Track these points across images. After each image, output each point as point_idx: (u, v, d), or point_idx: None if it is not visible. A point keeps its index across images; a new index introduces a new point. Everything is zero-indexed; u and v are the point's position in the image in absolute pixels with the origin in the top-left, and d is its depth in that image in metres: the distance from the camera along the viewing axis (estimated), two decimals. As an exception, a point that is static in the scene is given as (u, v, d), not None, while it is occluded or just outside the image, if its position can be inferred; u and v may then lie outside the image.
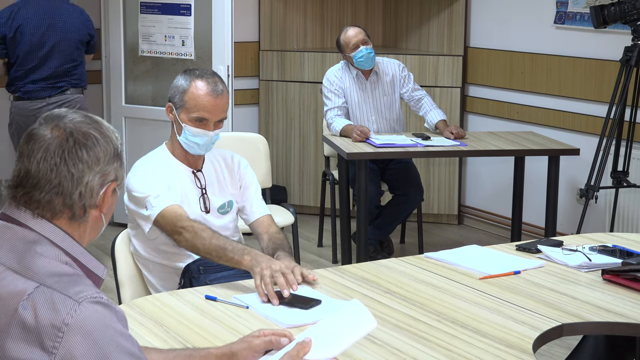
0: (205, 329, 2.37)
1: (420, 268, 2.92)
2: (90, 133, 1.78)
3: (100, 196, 1.78)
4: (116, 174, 1.82)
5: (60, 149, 1.75)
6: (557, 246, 3.09)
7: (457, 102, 6.38)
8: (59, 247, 1.75)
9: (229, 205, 3.16)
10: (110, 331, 1.65)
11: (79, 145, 1.75)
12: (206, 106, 3.04)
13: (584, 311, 2.54)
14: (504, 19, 6.18)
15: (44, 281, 1.67)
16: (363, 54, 5.36)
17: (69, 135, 1.76)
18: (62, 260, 1.74)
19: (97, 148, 1.77)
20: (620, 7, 4.90)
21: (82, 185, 1.76)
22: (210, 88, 3.04)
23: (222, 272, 2.92)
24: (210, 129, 3.05)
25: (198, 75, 3.07)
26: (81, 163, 1.75)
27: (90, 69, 7.46)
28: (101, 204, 1.79)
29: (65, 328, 1.61)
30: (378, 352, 2.21)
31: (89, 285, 1.69)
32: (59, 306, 1.63)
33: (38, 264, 1.70)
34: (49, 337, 1.61)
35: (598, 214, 5.51)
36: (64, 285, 1.66)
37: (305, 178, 6.66)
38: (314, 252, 5.83)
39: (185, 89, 3.05)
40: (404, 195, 5.46)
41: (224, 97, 3.08)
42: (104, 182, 1.78)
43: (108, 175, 1.79)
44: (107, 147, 1.79)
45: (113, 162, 1.80)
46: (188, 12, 5.83)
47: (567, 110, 5.78)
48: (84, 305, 1.64)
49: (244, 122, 6.53)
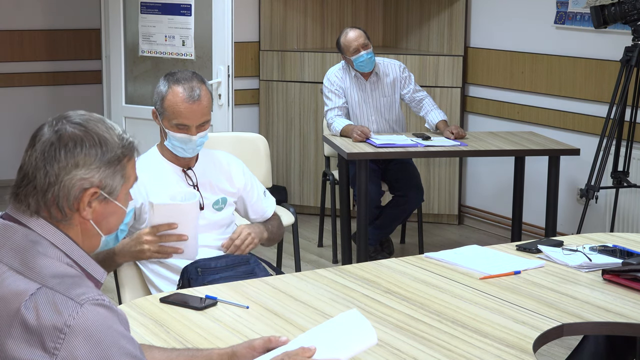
0: (205, 329, 2.36)
1: (420, 268, 2.92)
2: (77, 136, 1.75)
3: (77, 200, 1.75)
4: (102, 181, 1.77)
5: (42, 148, 1.75)
6: (558, 246, 3.09)
7: (457, 102, 6.38)
8: (59, 248, 1.74)
9: (222, 202, 3.18)
10: (112, 333, 1.65)
11: (60, 146, 1.74)
12: (183, 113, 3.03)
13: (584, 311, 2.54)
14: (504, 19, 6.18)
15: (46, 282, 1.67)
16: (364, 59, 5.36)
17: (57, 136, 1.75)
18: (64, 261, 1.73)
19: (78, 151, 1.75)
20: (621, 7, 4.90)
21: (57, 185, 1.73)
22: (187, 94, 3.02)
23: (221, 273, 2.92)
24: (192, 133, 3.05)
25: (175, 81, 3.05)
26: (57, 163, 1.73)
27: (90, 69, 7.49)
28: (80, 208, 1.76)
29: (67, 330, 1.61)
30: (378, 352, 2.21)
31: (90, 287, 1.69)
32: (61, 308, 1.63)
33: (40, 265, 1.69)
34: (50, 338, 1.61)
35: (598, 214, 5.51)
36: (66, 286, 1.66)
37: (306, 178, 6.66)
38: (314, 252, 5.83)
39: (164, 96, 3.06)
40: (404, 195, 5.46)
41: (202, 101, 3.04)
42: (82, 186, 1.75)
43: (88, 180, 1.75)
44: (95, 153, 1.76)
45: (101, 169, 1.76)
46: (188, 12, 5.83)
47: (567, 110, 5.78)
48: (86, 307, 1.64)
49: (244, 122, 6.53)
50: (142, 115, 5.95)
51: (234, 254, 3.07)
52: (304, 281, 2.77)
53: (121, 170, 1.81)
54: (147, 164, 3.14)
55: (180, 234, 2.86)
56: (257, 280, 2.78)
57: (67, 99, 7.44)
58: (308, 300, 2.59)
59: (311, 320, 2.43)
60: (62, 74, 7.51)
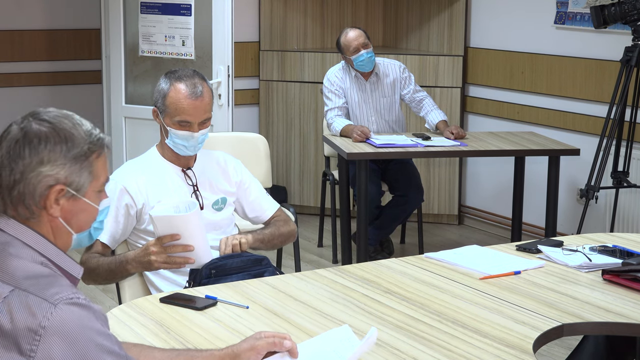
0: (205, 329, 2.36)
1: (420, 268, 2.92)
2: (42, 133, 1.74)
3: (42, 197, 1.74)
4: (68, 178, 1.75)
5: (8, 146, 1.74)
6: (558, 246, 3.09)
7: (457, 102, 6.38)
8: (32, 248, 1.73)
9: (222, 202, 3.18)
10: (88, 331, 1.63)
11: (25, 143, 1.73)
12: (186, 109, 3.04)
13: (584, 311, 2.54)
14: (504, 19, 6.18)
15: (19, 284, 1.65)
16: (364, 58, 5.36)
17: (22, 133, 1.74)
18: (37, 260, 1.72)
19: (42, 147, 1.73)
20: (621, 7, 4.90)
21: (22, 182, 1.72)
22: (189, 91, 3.03)
23: (235, 274, 2.91)
24: (195, 130, 3.05)
25: (177, 78, 3.06)
26: (21, 160, 1.72)
27: (91, 69, 7.48)
28: (47, 206, 1.74)
29: (42, 331, 1.60)
30: (378, 352, 2.20)
31: (65, 286, 1.67)
32: (34, 309, 1.62)
33: (13, 267, 1.68)
34: (25, 340, 1.60)
35: (598, 214, 5.51)
36: (40, 287, 1.65)
37: (306, 178, 6.66)
38: (314, 252, 5.83)
39: (166, 93, 3.06)
40: (404, 195, 5.46)
41: (205, 97, 3.05)
42: (47, 183, 1.73)
43: (52, 177, 1.74)
44: (59, 149, 1.74)
45: (66, 165, 1.75)
46: (188, 12, 5.83)
47: (567, 111, 5.78)
48: (60, 307, 1.62)
49: (244, 122, 6.53)
50: (142, 115, 5.94)
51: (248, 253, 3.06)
52: (304, 281, 2.77)
53: (88, 166, 1.78)
54: (146, 164, 3.14)
55: (185, 244, 2.85)
56: (257, 280, 2.78)
57: (67, 99, 7.42)
58: (308, 300, 2.59)
59: (311, 320, 2.43)
60: (62, 74, 7.50)
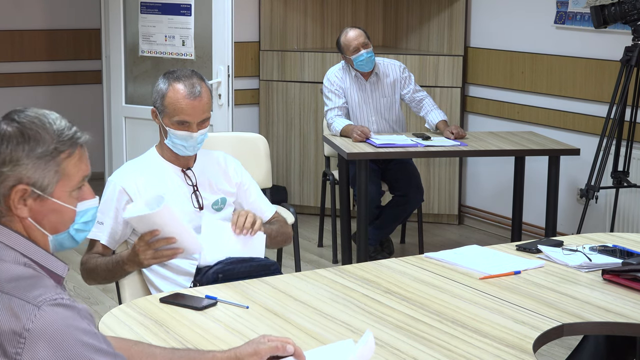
0: (205, 329, 2.36)
1: (420, 268, 2.92)
2: (7, 133, 1.74)
3: (6, 198, 1.73)
4: (31, 178, 1.73)
5: None
6: (557, 246, 3.09)
7: (457, 102, 6.38)
8: (14, 249, 1.72)
9: (222, 202, 3.17)
10: (73, 331, 1.63)
11: None
12: (185, 109, 3.03)
13: (584, 311, 2.54)
14: (504, 19, 6.18)
15: (1, 287, 1.65)
16: (364, 58, 5.36)
17: None
18: (20, 261, 1.71)
19: (4, 148, 1.73)
20: (621, 7, 4.90)
21: None
22: (188, 91, 3.03)
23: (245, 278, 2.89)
24: (194, 130, 3.05)
25: (176, 78, 3.06)
26: None
27: (91, 69, 7.48)
28: (12, 206, 1.74)
29: (26, 334, 1.60)
30: (378, 352, 2.20)
31: (49, 287, 1.67)
32: (18, 312, 1.61)
33: None
34: (10, 344, 1.60)
35: (598, 214, 5.51)
36: (22, 289, 1.64)
37: (306, 178, 6.66)
38: (314, 252, 5.83)
39: (165, 93, 3.06)
40: (404, 195, 5.46)
41: (203, 97, 3.05)
42: (8, 183, 1.73)
43: (13, 177, 1.73)
44: (22, 149, 1.73)
45: (29, 165, 1.73)
46: (188, 12, 5.83)
47: (567, 110, 5.78)
48: (44, 308, 1.62)
49: (244, 122, 6.53)
50: (142, 115, 5.94)
51: (258, 257, 3.05)
52: (304, 281, 2.77)
53: (55, 165, 1.76)
54: (146, 164, 3.14)
55: (167, 237, 2.83)
56: (257, 280, 2.78)
57: (67, 99, 7.43)
58: (308, 300, 2.59)
59: (311, 320, 2.43)
60: (62, 74, 7.51)
